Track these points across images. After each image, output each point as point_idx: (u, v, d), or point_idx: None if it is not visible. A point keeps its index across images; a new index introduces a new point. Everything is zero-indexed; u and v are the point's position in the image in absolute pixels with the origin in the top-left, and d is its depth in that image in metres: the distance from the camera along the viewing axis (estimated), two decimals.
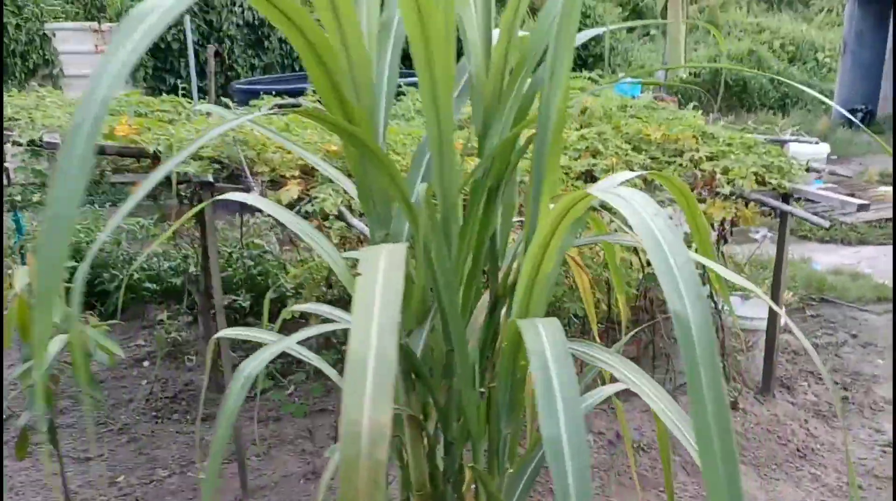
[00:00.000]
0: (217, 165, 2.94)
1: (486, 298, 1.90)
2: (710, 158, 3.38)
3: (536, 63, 1.75)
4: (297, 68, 9.78)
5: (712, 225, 3.30)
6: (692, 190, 3.28)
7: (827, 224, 3.03)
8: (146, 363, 4.34)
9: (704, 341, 0.99)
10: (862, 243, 6.68)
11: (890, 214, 7.30)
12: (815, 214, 5.79)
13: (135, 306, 4.99)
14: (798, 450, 3.35)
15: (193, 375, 4.27)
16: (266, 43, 9.23)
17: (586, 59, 10.77)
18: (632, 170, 3.31)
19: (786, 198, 3.36)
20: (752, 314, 3.95)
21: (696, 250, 2.00)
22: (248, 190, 2.71)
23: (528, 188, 1.67)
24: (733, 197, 3.22)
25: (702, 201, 3.24)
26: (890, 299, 5.24)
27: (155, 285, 5.02)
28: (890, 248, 6.55)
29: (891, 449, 3.41)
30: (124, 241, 5.13)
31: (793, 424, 3.51)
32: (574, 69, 8.22)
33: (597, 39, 10.83)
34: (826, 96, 15.23)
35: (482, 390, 1.90)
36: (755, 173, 3.22)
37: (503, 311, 1.87)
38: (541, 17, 1.71)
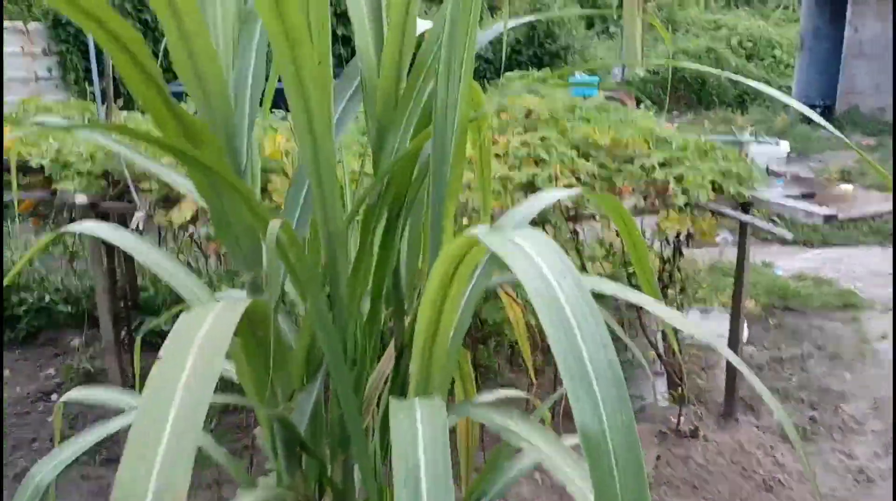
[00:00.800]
0: (105, 182, 2.58)
1: (392, 347, 1.58)
2: (663, 165, 3.09)
3: None
4: None
5: (667, 239, 3.01)
6: (644, 199, 2.99)
7: (790, 236, 2.76)
8: (55, 396, 3.94)
9: (630, 476, 0.66)
10: (825, 244, 6.49)
11: (854, 213, 7.12)
12: (777, 218, 5.58)
13: (49, 330, 4.57)
14: (764, 482, 3.07)
15: (108, 410, 3.87)
16: None
17: (542, 56, 10.50)
18: (578, 179, 3.01)
19: (745, 207, 3.08)
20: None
21: (634, 273, 1.71)
22: (133, 209, 2.35)
23: (426, 217, 1.35)
24: (689, 208, 2.93)
25: (655, 211, 2.95)
26: (856, 307, 5.02)
27: (71, 308, 4.61)
28: (854, 250, 6.36)
29: (863, 477, 3.15)
30: (36, 260, 4.71)
31: (758, 452, 3.23)
32: (528, 67, 7.94)
33: (553, 37, 10.56)
34: (784, 93, 15.12)
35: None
36: (712, 181, 2.94)
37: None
38: (442, 8, 1.38)
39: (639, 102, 14.39)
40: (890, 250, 6.27)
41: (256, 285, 1.34)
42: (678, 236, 3.01)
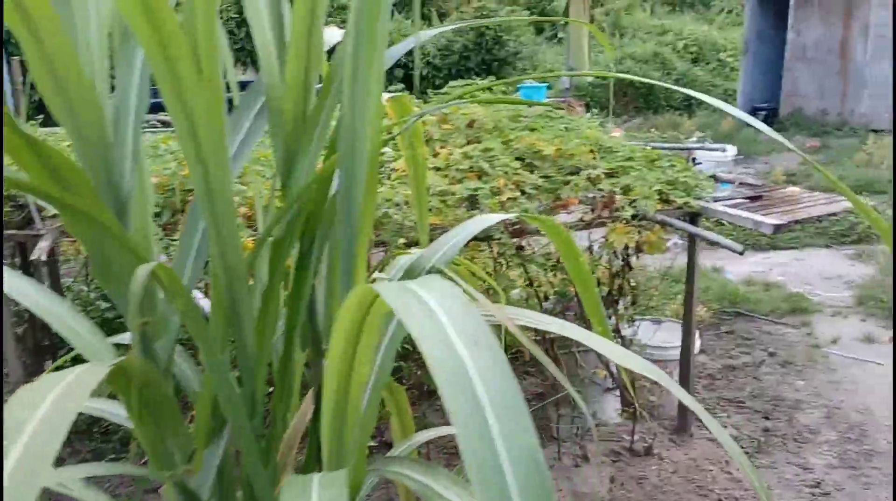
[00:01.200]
0: (9, 207, 2.37)
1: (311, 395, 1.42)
2: (609, 175, 2.99)
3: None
4: None
5: (615, 253, 2.90)
6: (592, 211, 2.88)
7: (740, 248, 2.67)
8: None
9: None
10: (772, 247, 6.50)
11: (800, 216, 7.17)
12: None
13: None
14: (720, 500, 2.98)
15: None
16: None
17: (490, 63, 10.41)
18: (523, 192, 2.89)
19: (694, 218, 3.00)
20: (667, 342, 3.58)
21: (582, 303, 1.60)
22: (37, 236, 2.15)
23: (334, 253, 1.20)
24: (636, 219, 2.83)
25: (602, 224, 2.84)
26: (806, 311, 5.00)
27: None
28: (801, 253, 6.37)
29: (819, 491, 3.09)
30: None
31: (713, 468, 3.14)
32: (477, 73, 7.80)
33: (502, 43, 10.49)
34: (729, 96, 15.37)
35: None
36: (659, 191, 2.84)
37: None
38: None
39: (588, 108, 14.44)
40: (836, 253, 6.31)
41: (145, 336, 1.17)
42: (626, 248, 2.91)
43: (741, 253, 2.72)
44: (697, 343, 3.72)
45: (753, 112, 13.43)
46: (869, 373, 4.12)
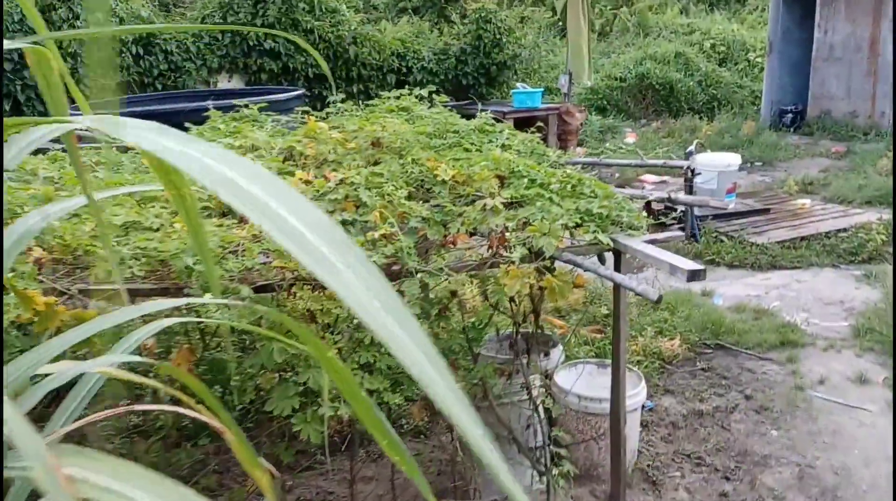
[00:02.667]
0: None
1: None
2: (516, 205, 2.54)
3: None
4: (160, 86, 8.73)
5: (512, 299, 2.45)
6: (488, 249, 2.44)
7: (655, 297, 2.20)
8: None
9: None
10: (773, 267, 5.93)
11: (806, 232, 6.59)
12: (726, 238, 5.04)
13: None
14: None
15: None
16: (119, 60, 8.17)
17: (489, 67, 9.93)
18: (405, 224, 2.45)
19: (618, 256, 2.54)
20: (609, 390, 3.10)
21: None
22: None
23: None
24: (540, 259, 2.38)
25: (495, 264, 2.40)
26: (795, 344, 4.46)
27: None
28: (804, 273, 5.81)
29: None
30: None
31: None
32: (475, 79, 7.30)
33: (500, 46, 10.01)
34: (757, 97, 14.67)
35: None
36: (566, 226, 2.38)
37: None
38: None
39: (604, 111, 13.88)
40: (843, 274, 5.73)
41: None
42: (531, 292, 2.45)
43: (657, 302, 2.25)
44: (643, 391, 3.24)
45: (780, 114, 12.76)
46: (854, 421, 3.60)
